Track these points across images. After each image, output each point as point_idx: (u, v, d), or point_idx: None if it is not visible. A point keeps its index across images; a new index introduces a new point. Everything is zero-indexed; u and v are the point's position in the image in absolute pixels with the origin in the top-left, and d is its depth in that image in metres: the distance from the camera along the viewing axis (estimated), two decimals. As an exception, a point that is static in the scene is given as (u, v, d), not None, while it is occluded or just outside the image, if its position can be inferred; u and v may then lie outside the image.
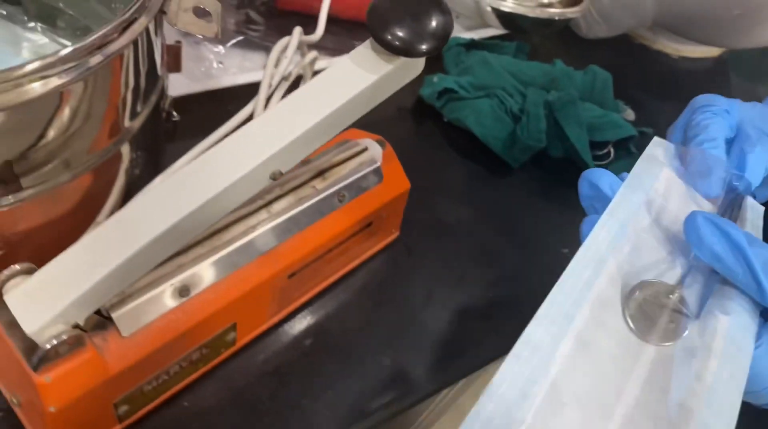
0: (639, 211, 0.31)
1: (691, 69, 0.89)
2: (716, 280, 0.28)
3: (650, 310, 0.27)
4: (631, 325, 0.27)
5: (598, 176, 0.33)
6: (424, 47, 0.36)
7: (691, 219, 0.28)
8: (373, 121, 0.41)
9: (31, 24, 0.49)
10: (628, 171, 0.35)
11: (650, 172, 0.34)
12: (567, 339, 0.26)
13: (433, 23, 0.37)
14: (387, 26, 0.36)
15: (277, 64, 0.46)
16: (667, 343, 0.26)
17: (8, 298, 0.30)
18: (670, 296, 0.27)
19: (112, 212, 0.40)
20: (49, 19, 0.51)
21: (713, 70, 0.91)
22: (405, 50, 0.36)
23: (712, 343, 0.25)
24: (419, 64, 0.40)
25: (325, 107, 0.36)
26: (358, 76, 0.37)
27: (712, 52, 0.90)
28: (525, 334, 0.26)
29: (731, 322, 0.26)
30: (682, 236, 0.28)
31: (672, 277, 0.28)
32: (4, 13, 0.48)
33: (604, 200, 0.32)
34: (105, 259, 0.31)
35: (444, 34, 0.37)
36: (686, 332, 0.26)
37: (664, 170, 0.34)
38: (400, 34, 0.36)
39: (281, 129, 0.35)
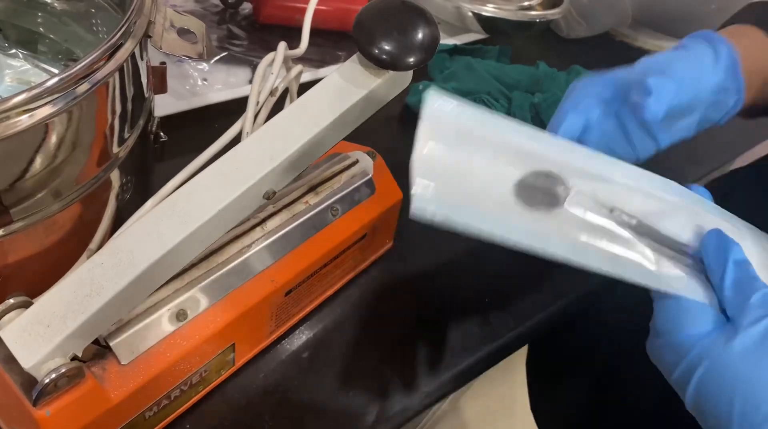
0: None
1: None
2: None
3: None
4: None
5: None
6: (411, 60, 0.37)
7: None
8: (361, 131, 0.41)
9: (12, 50, 0.48)
10: None
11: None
12: None
13: (420, 35, 0.37)
14: (373, 40, 0.36)
15: (262, 81, 0.45)
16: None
17: (4, 334, 0.30)
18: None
19: (104, 238, 0.40)
20: (30, 44, 0.50)
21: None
22: (393, 64, 0.37)
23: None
24: (407, 76, 0.40)
25: (316, 124, 0.36)
26: (347, 91, 0.37)
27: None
28: None
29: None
30: None
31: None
32: (-16, 40, 0.48)
33: None
34: (101, 290, 0.31)
35: (431, 45, 0.37)
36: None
37: None
38: (387, 47, 0.36)
39: (273, 148, 0.35)
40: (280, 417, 0.43)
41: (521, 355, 0.63)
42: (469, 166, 0.30)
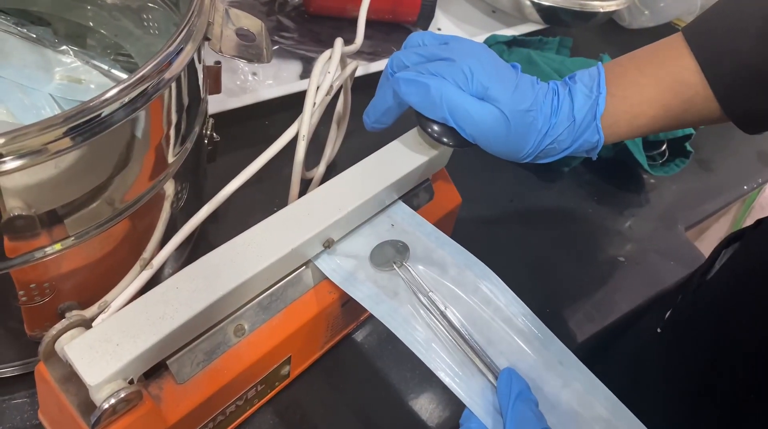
0: None
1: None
2: None
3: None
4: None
5: None
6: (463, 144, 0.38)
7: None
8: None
9: (63, 47, 0.47)
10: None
11: None
12: None
13: None
14: (434, 123, 0.37)
15: (319, 80, 0.43)
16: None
17: (69, 350, 0.29)
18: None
19: (157, 247, 0.39)
20: (79, 38, 0.49)
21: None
22: (448, 143, 0.38)
23: None
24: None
25: (380, 183, 0.38)
26: (409, 157, 0.40)
27: None
28: None
29: None
30: None
31: None
32: (34, 36, 0.47)
33: None
34: (175, 313, 0.31)
35: None
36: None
37: None
38: (445, 133, 0.37)
39: (341, 200, 0.37)
40: (335, 427, 0.42)
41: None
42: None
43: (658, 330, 0.50)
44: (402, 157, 0.39)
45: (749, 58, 0.35)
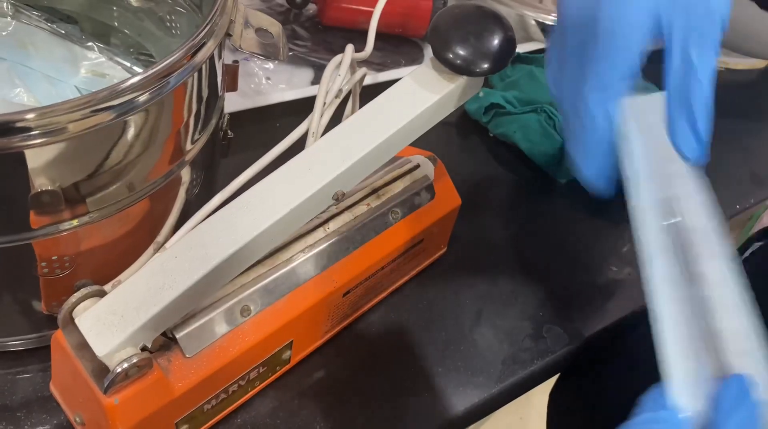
0: None
1: (738, 81, 0.87)
2: None
3: None
4: None
5: None
6: (486, 66, 0.36)
7: None
8: (418, 137, 0.41)
9: (89, 43, 0.49)
10: None
11: None
12: None
13: (496, 41, 0.36)
14: (449, 45, 0.36)
15: (330, 81, 0.46)
16: None
17: (80, 322, 0.31)
18: None
19: (171, 231, 0.41)
20: (103, 37, 0.52)
21: (759, 82, 0.89)
22: (467, 69, 0.36)
23: None
24: (479, 82, 0.40)
25: (388, 127, 0.36)
26: (421, 95, 0.37)
27: (758, 64, 0.88)
28: None
29: None
30: None
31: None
32: (62, 32, 0.49)
33: None
34: (174, 283, 0.32)
35: (507, 52, 0.37)
36: None
37: None
38: (463, 53, 0.36)
39: (345, 149, 0.36)
40: (332, 418, 0.43)
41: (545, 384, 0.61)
42: None
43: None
44: (411, 97, 0.37)
45: None
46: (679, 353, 0.27)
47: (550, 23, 0.68)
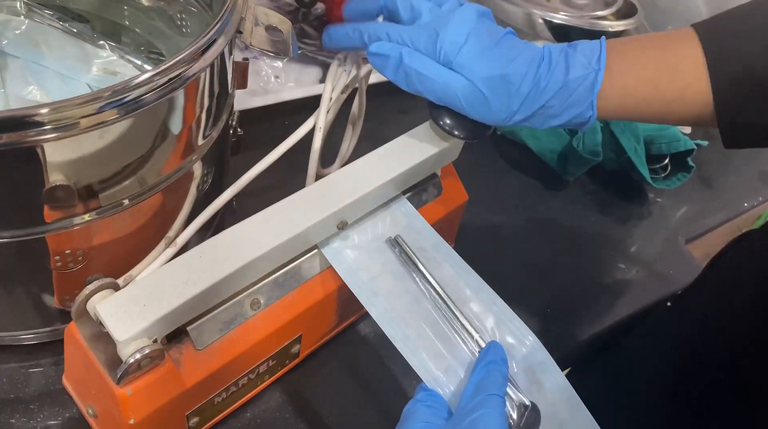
0: None
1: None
2: None
3: None
4: None
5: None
6: (479, 134, 0.40)
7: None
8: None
9: (101, 42, 0.50)
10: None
11: None
12: None
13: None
14: (445, 116, 0.40)
15: (335, 78, 0.46)
16: None
17: (101, 308, 0.31)
18: None
19: (182, 226, 0.41)
20: (114, 36, 0.52)
21: None
22: (461, 137, 0.41)
23: None
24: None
25: (391, 172, 0.40)
26: (420, 148, 0.42)
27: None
28: None
29: None
30: None
31: None
32: (75, 30, 0.50)
33: None
34: (198, 280, 0.33)
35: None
36: None
37: None
38: (458, 126, 0.40)
39: (355, 185, 0.39)
40: (341, 412, 0.44)
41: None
42: None
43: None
44: (413, 148, 0.42)
45: (755, 66, 0.35)
46: (419, 361, 0.37)
47: (558, 21, 0.68)
